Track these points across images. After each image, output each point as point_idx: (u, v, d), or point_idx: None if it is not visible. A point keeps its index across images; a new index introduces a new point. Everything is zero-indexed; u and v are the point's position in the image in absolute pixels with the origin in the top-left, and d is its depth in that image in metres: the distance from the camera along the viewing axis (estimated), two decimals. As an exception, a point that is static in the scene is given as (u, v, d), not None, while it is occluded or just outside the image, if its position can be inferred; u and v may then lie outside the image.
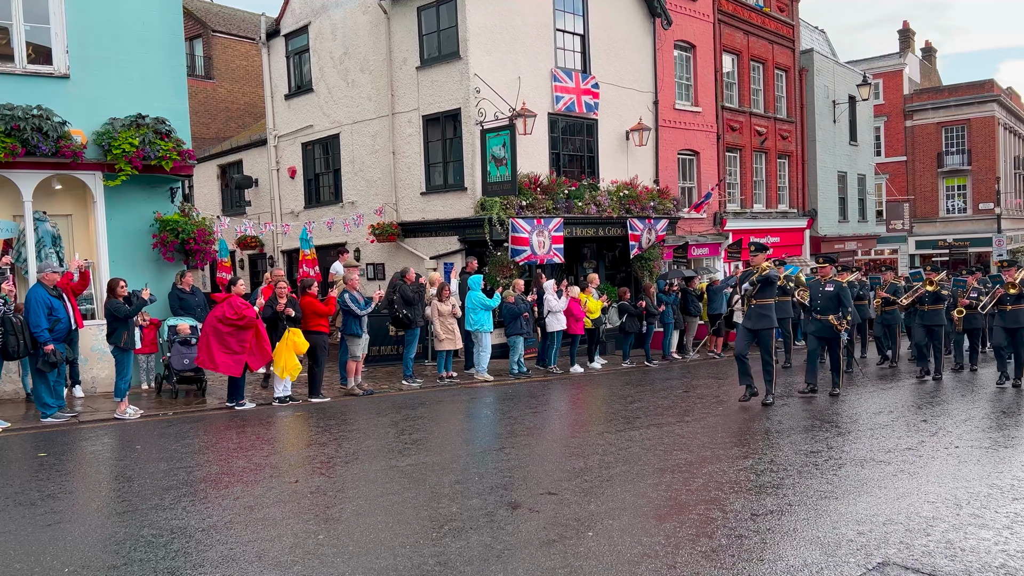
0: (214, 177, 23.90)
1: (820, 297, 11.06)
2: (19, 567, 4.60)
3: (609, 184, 17.99)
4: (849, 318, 10.95)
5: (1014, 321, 11.80)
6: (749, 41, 23.69)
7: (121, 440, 8.46)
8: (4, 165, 10.68)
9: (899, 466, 6.88)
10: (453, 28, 15.99)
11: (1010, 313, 11.84)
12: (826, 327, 10.95)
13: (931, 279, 12.96)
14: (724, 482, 6.36)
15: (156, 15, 12.21)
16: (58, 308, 9.42)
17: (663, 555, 4.70)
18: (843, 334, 11.09)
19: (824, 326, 10.97)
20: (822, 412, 9.73)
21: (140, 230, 12.01)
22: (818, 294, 11.11)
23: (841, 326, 10.84)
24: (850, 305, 10.96)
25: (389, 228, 17.01)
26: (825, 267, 11.37)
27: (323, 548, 4.89)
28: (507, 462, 7.15)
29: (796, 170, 26.26)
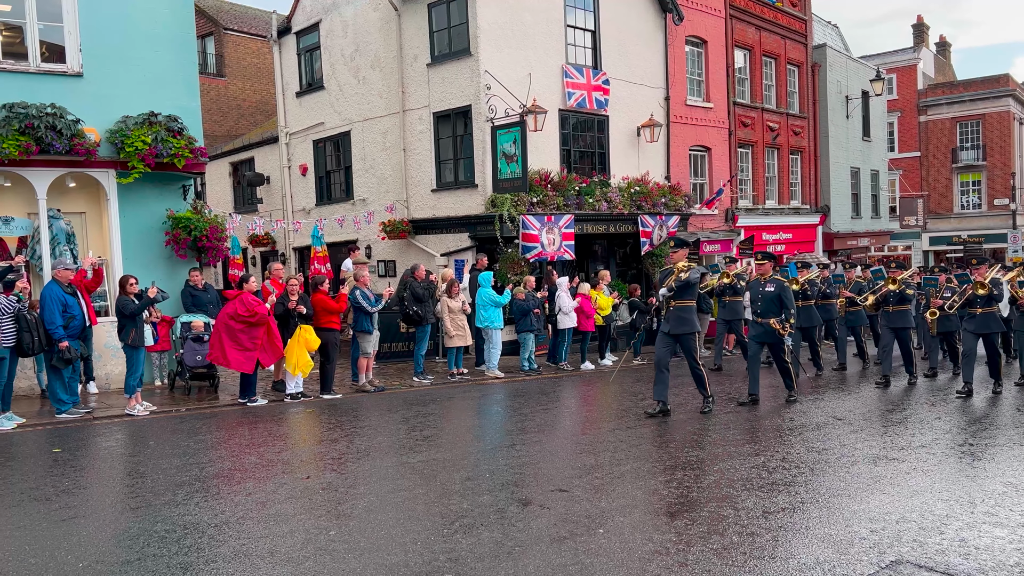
0: (226, 174, 24.00)
1: (760, 298, 10.10)
2: (34, 562, 4.64)
3: (620, 180, 17.94)
4: (792, 321, 9.98)
5: (983, 326, 10.60)
6: (761, 36, 23.56)
7: (134, 436, 8.52)
8: (19, 163, 10.76)
9: (912, 464, 6.84)
10: (464, 25, 15.98)
11: (980, 317, 10.61)
12: (767, 331, 9.99)
13: (894, 277, 11.87)
14: (736, 479, 6.34)
15: (168, 13, 12.26)
16: (72, 305, 9.48)
17: (674, 552, 4.69)
18: (787, 339, 10.02)
19: (765, 330, 10.02)
20: (835, 410, 9.68)
21: (153, 227, 12.08)
22: (758, 295, 10.14)
23: (783, 330, 9.87)
24: (792, 307, 9.96)
25: (400, 225, 17.03)
26: (764, 264, 10.27)
27: (335, 544, 4.91)
28: (518, 459, 7.15)
29: (809, 166, 26.10)
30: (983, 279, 10.53)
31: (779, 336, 9.95)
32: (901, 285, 11.71)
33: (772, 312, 9.94)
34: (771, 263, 10.37)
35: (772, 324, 9.91)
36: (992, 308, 10.64)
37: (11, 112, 10.61)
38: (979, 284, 10.52)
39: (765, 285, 10.09)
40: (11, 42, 11.28)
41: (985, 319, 10.63)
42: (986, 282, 10.44)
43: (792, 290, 13.12)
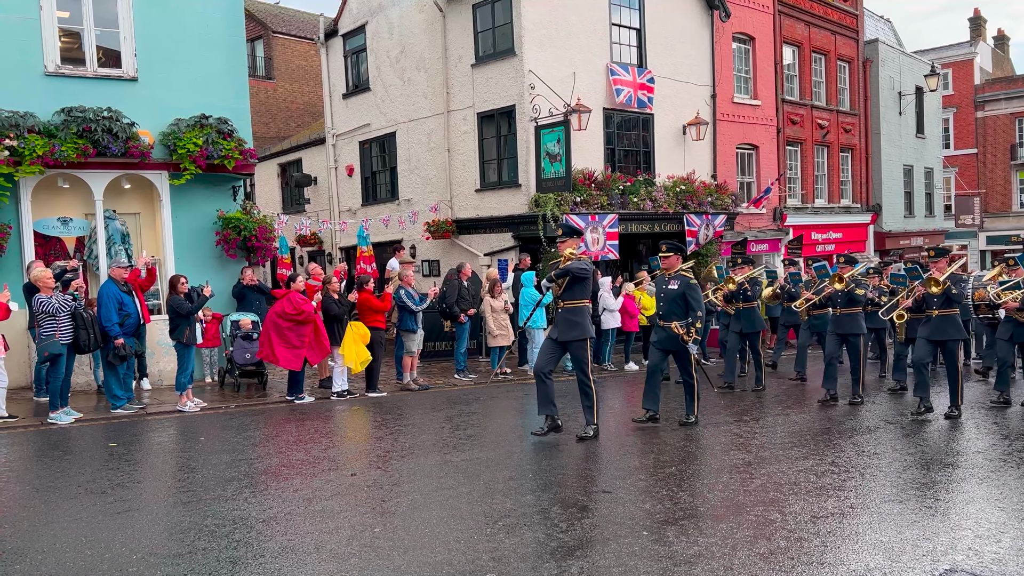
0: (274, 175, 24.43)
1: (663, 297, 8.62)
2: (89, 553, 4.77)
3: (665, 179, 17.78)
4: (699, 325, 8.45)
5: (939, 332, 9.04)
6: (811, 32, 23.12)
7: (185, 432, 8.72)
8: (76, 165, 11.10)
9: (968, 469, 6.64)
10: (508, 25, 16.00)
11: (935, 321, 9.05)
12: (670, 337, 8.52)
13: (841, 275, 10.20)
14: (783, 483, 6.22)
15: (219, 18, 12.53)
16: (128, 303, 9.75)
17: (719, 556, 4.62)
18: (691, 346, 8.54)
19: (668, 336, 8.54)
20: (886, 413, 9.44)
21: (204, 228, 12.35)
22: (661, 293, 8.68)
23: (687, 336, 8.43)
24: (699, 309, 8.42)
25: (444, 225, 17.14)
26: (669, 257, 8.70)
27: (379, 541, 4.95)
28: (561, 459, 7.13)
29: (860, 164, 25.53)
30: (939, 276, 8.93)
31: (683, 343, 8.45)
32: (849, 284, 10.13)
33: (676, 314, 8.47)
34: (678, 256, 8.80)
35: (674, 328, 8.42)
36: (952, 311, 9.04)
37: (69, 116, 10.96)
38: (932, 281, 8.85)
39: (669, 282, 8.61)
40: (69, 48, 11.64)
41: (941, 324, 9.04)
42: (942, 279, 8.82)
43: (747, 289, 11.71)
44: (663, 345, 8.68)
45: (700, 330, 8.51)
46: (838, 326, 10.29)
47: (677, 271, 8.67)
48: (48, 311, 9.07)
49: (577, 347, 7.95)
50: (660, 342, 8.71)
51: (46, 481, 6.60)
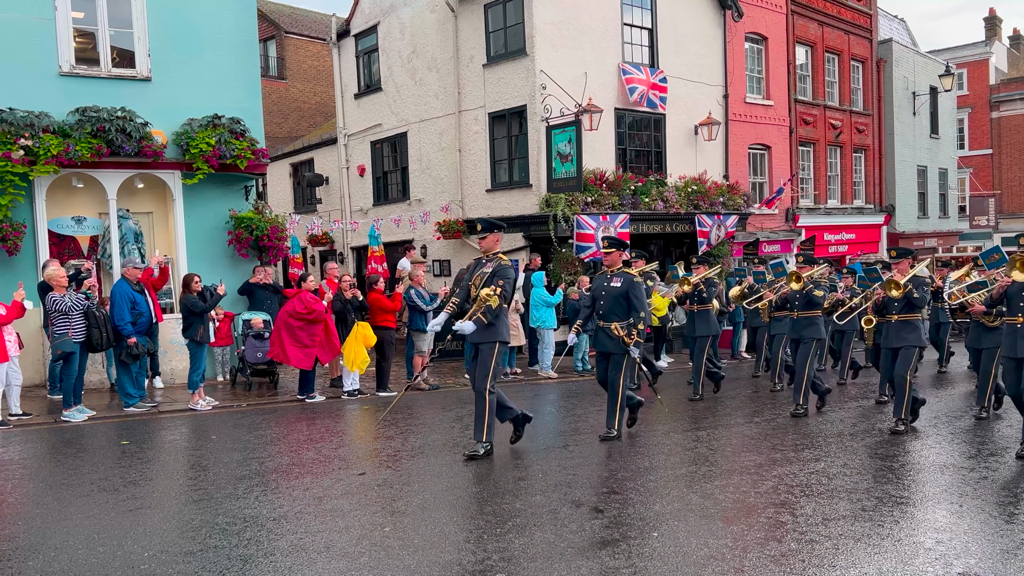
0: (286, 175, 24.51)
1: (604, 296, 7.95)
2: (102, 550, 4.80)
3: (677, 180, 17.73)
4: (642, 326, 7.80)
5: (897, 338, 8.35)
6: (824, 32, 22.99)
7: (197, 430, 8.76)
8: (90, 165, 11.18)
9: (982, 473, 6.58)
10: (520, 25, 16.00)
11: (894, 327, 8.40)
12: (610, 339, 7.85)
13: (798, 274, 9.54)
14: (795, 485, 6.19)
15: (231, 18, 12.59)
16: (140, 302, 9.81)
17: (730, 558, 4.61)
18: (632, 350, 7.75)
19: (608, 338, 7.88)
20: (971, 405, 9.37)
21: (216, 227, 12.41)
22: (601, 291, 8.01)
23: (629, 338, 7.72)
24: (642, 310, 7.79)
25: (455, 225, 17.15)
26: (611, 253, 8.09)
27: (389, 540, 4.96)
28: (571, 460, 7.12)
29: (873, 164, 25.38)
30: (900, 279, 8.21)
31: (623, 346, 7.77)
32: (807, 285, 9.49)
33: (617, 314, 7.83)
34: (619, 252, 8.17)
35: (614, 330, 7.80)
36: (914, 316, 8.31)
37: (84, 116, 11.04)
38: (892, 284, 8.16)
39: (611, 279, 7.99)
40: (84, 48, 11.73)
41: (900, 330, 8.34)
42: (903, 282, 8.13)
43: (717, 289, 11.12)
44: (601, 348, 8.02)
45: (642, 332, 7.86)
46: (795, 330, 9.65)
47: (620, 268, 8.07)
48: (61, 310, 9.14)
49: (485, 350, 7.19)
50: (599, 344, 8.05)
51: (59, 478, 6.65)
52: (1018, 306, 7.16)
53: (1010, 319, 7.25)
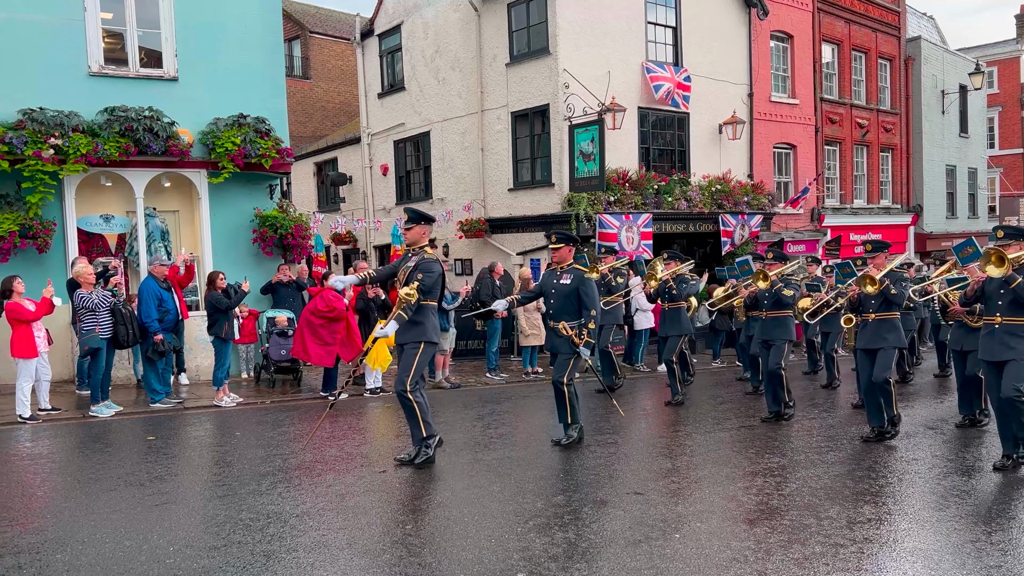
0: (310, 174, 24.69)
1: (553, 294, 7.55)
2: (128, 544, 4.87)
3: (701, 179, 17.63)
4: (592, 326, 7.33)
5: (875, 338, 7.69)
6: (851, 30, 22.73)
7: (222, 426, 8.85)
8: (118, 164, 11.34)
9: (1012, 475, 6.47)
10: (543, 24, 15.99)
11: (871, 327, 7.75)
12: (559, 339, 7.49)
13: (766, 272, 9.00)
14: (819, 488, 6.13)
15: (257, 18, 12.69)
16: (167, 300, 9.93)
17: (753, 560, 4.57)
18: (582, 350, 7.35)
19: (557, 338, 7.51)
20: (926, 419, 9.25)
21: (241, 225, 12.53)
22: (552, 289, 7.59)
23: (578, 338, 7.31)
24: (593, 308, 7.36)
25: (477, 224, 17.18)
26: (560, 249, 7.62)
27: (411, 538, 4.98)
28: (592, 460, 7.10)
29: (900, 164, 25.05)
30: (876, 273, 7.59)
31: (573, 346, 7.39)
32: (775, 284, 8.95)
33: (567, 313, 7.43)
34: (569, 247, 7.68)
35: (562, 329, 7.40)
36: (892, 314, 7.71)
37: (112, 115, 11.20)
38: (868, 279, 7.50)
39: (561, 276, 7.57)
40: (112, 48, 11.89)
41: (878, 329, 7.73)
42: (878, 277, 7.53)
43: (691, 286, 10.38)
44: (551, 347, 7.64)
45: (593, 332, 7.39)
46: (764, 332, 9.11)
47: (571, 265, 7.61)
48: (88, 306, 9.27)
49: (409, 350, 6.72)
50: (551, 346, 7.67)
51: (87, 473, 6.74)
52: (996, 304, 6.58)
53: (987, 319, 6.71)
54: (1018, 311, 6.44)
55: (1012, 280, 6.29)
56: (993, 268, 6.26)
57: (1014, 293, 6.35)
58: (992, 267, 6.26)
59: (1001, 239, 6.53)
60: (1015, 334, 6.45)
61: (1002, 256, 6.19)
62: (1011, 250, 6.38)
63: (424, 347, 6.71)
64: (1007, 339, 6.47)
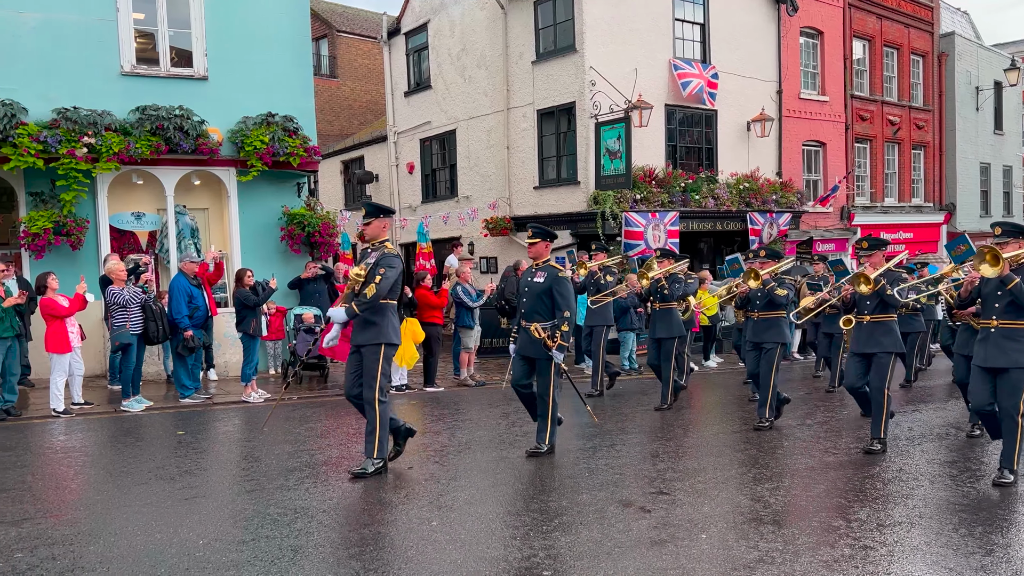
0: (337, 173, 24.85)
1: (527, 293, 7.11)
2: (159, 536, 4.94)
3: (728, 177, 17.49)
4: (566, 328, 6.85)
5: (870, 342, 7.23)
6: (883, 25, 22.40)
7: (249, 422, 8.94)
8: (149, 162, 11.50)
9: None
10: (569, 21, 15.95)
11: (866, 329, 7.28)
12: (531, 342, 6.96)
13: (757, 271, 8.44)
14: (848, 489, 6.05)
15: (285, 18, 12.80)
16: (197, 296, 10.05)
17: (780, 562, 4.52)
18: (555, 354, 6.87)
19: (529, 340, 6.99)
20: (958, 421, 9.10)
21: (269, 223, 12.65)
22: (525, 288, 7.18)
23: (551, 341, 6.83)
24: (567, 309, 6.86)
25: (502, 222, 17.19)
26: (536, 244, 7.18)
27: (436, 535, 4.99)
28: (618, 459, 7.08)
29: (933, 162, 24.64)
30: (870, 273, 7.10)
31: (545, 349, 6.90)
32: (767, 283, 8.40)
33: (540, 313, 6.99)
34: (546, 242, 7.24)
35: (534, 331, 6.93)
36: (889, 316, 7.25)
37: (144, 114, 11.36)
38: (862, 279, 7.01)
39: (535, 274, 7.11)
40: (144, 48, 12.06)
41: (871, 333, 7.23)
42: (872, 277, 7.04)
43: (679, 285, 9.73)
44: (524, 351, 7.10)
45: (567, 335, 6.91)
46: (755, 334, 8.54)
47: (546, 262, 7.14)
48: (120, 302, 9.41)
49: (368, 354, 6.35)
50: (521, 348, 7.15)
51: (119, 466, 6.85)
52: (992, 307, 6.11)
53: (983, 322, 6.22)
54: (1016, 314, 5.98)
55: (1009, 281, 5.84)
56: (987, 268, 5.79)
57: (1011, 295, 5.89)
58: (986, 266, 5.79)
59: (998, 236, 6.07)
60: (1012, 339, 5.99)
61: (997, 255, 5.75)
62: (1008, 248, 5.96)
63: (384, 350, 6.33)
64: (1004, 344, 6.01)
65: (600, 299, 10.86)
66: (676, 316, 9.89)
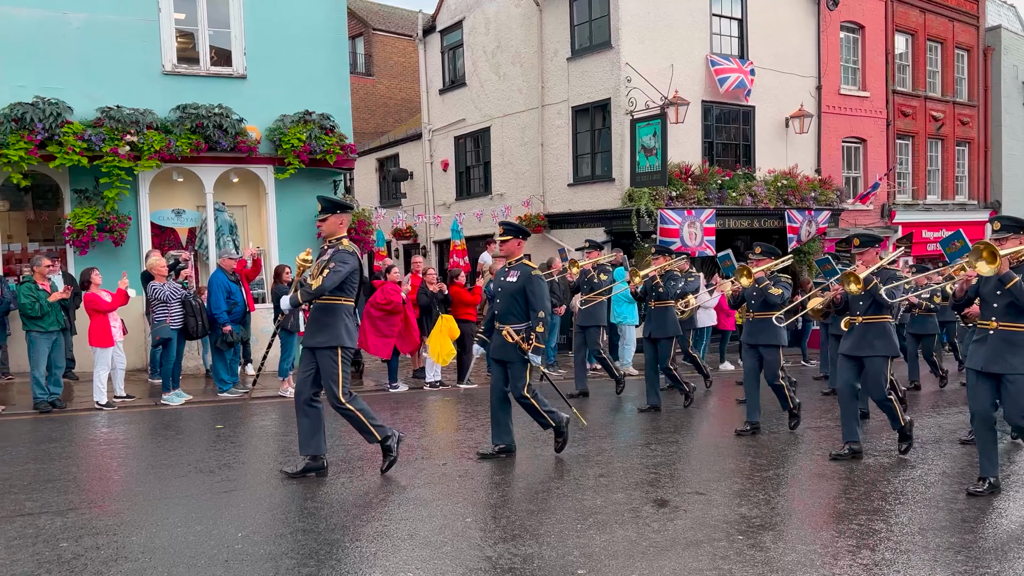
0: (372, 170, 25.03)
1: (500, 293, 6.81)
2: (199, 528, 5.02)
3: (766, 174, 17.27)
4: (540, 329, 6.53)
5: (862, 344, 6.78)
6: (926, 19, 21.91)
7: (286, 416, 9.02)
8: (189, 160, 11.69)
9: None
10: (605, 17, 15.87)
11: (857, 331, 6.85)
12: (504, 345, 6.66)
13: (749, 268, 8.00)
14: (888, 492, 5.94)
15: (323, 17, 12.92)
16: (235, 292, 10.20)
17: (819, 565, 4.45)
18: (531, 356, 6.58)
19: (502, 343, 6.67)
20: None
21: (306, 220, 12.77)
22: (498, 288, 6.87)
23: (526, 343, 6.54)
24: (542, 309, 6.56)
25: (536, 219, 17.17)
26: (508, 241, 6.87)
27: (471, 531, 5.00)
28: (653, 458, 7.03)
29: (977, 158, 24.05)
30: (863, 271, 6.70)
31: (519, 352, 6.59)
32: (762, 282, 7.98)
33: (514, 314, 6.66)
34: (519, 240, 6.90)
35: (506, 334, 6.59)
36: (881, 317, 6.79)
37: (184, 113, 11.55)
38: (852, 278, 6.57)
39: (508, 273, 6.79)
40: (184, 48, 12.26)
41: (863, 335, 6.81)
42: (863, 276, 6.62)
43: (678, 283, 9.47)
44: (497, 355, 6.78)
45: (543, 336, 6.60)
46: (750, 336, 8.12)
47: (519, 260, 6.82)
48: (160, 298, 9.58)
49: (325, 357, 6.05)
50: (494, 351, 6.82)
51: (159, 459, 6.98)
52: (991, 308, 5.68)
53: (982, 323, 5.77)
54: (1016, 316, 5.55)
55: (1008, 279, 5.41)
56: (984, 265, 5.31)
57: (1011, 295, 5.46)
58: (983, 264, 5.31)
59: (997, 231, 5.64)
60: (1012, 343, 5.58)
61: (994, 251, 5.26)
62: (1007, 244, 5.51)
63: (341, 352, 6.08)
64: (1002, 348, 5.60)
65: (593, 298, 10.45)
66: (671, 315, 9.49)
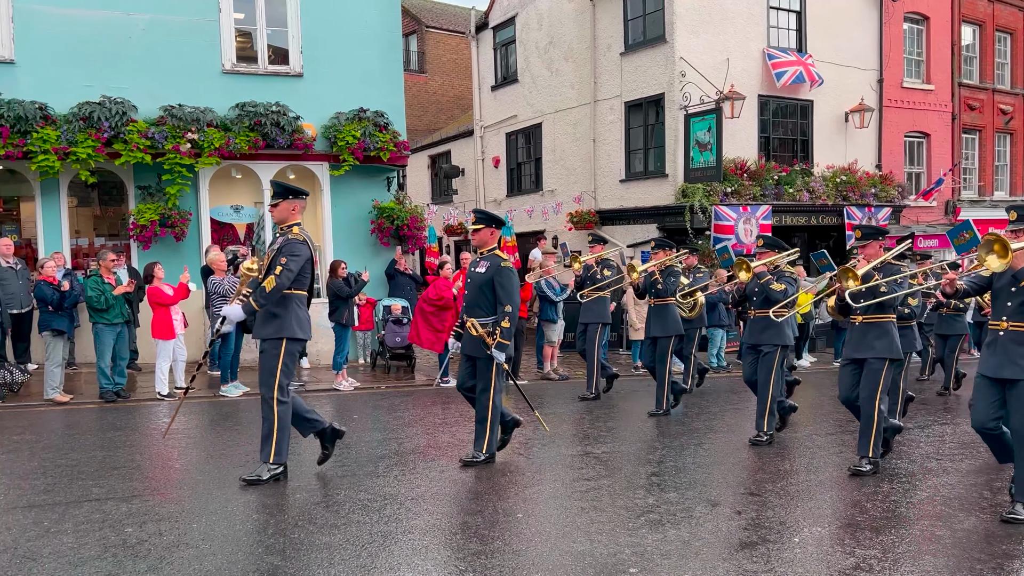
0: (425, 167, 25.23)
1: (469, 284, 6.50)
2: (257, 517, 5.13)
3: (824, 169, 16.89)
4: (507, 324, 6.21)
5: (862, 345, 6.30)
6: (995, 9, 21.12)
7: (340, 409, 9.19)
8: (247, 157, 11.95)
9: None
10: (659, 11, 15.71)
11: (857, 331, 6.35)
12: (471, 339, 6.34)
13: (746, 263, 7.44)
14: (952, 497, 5.76)
15: (377, 15, 13.06)
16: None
17: (879, 569, 4.34)
18: (495, 353, 6.22)
19: (469, 337, 6.37)
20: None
21: (360, 216, 12.96)
22: (468, 279, 6.59)
23: (491, 338, 6.21)
24: (509, 303, 6.23)
25: (587, 216, 17.10)
26: (480, 231, 6.53)
27: (522, 527, 5.01)
28: (705, 458, 6.94)
29: (1048, 152, 23.11)
30: (862, 267, 6.28)
31: (483, 347, 6.26)
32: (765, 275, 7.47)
33: (481, 307, 6.32)
34: (492, 229, 6.57)
35: (471, 328, 6.29)
36: (884, 316, 6.29)
37: (242, 111, 11.81)
38: (849, 274, 6.03)
39: (478, 263, 6.48)
40: (243, 47, 12.53)
41: (863, 335, 6.31)
42: (861, 272, 6.15)
43: None
44: (466, 350, 6.44)
45: (508, 332, 6.24)
46: (751, 334, 7.65)
47: (491, 251, 6.46)
48: (220, 292, 9.82)
49: (269, 348, 5.77)
50: (464, 346, 6.48)
51: (219, 448, 7.16)
52: (1004, 306, 5.18)
53: (993, 323, 5.27)
54: None
55: (1023, 276, 5.01)
56: (995, 259, 4.81)
57: None
58: (994, 258, 4.81)
59: (1014, 222, 5.16)
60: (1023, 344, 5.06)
61: (1006, 245, 4.77)
62: (1023, 237, 5.07)
63: (286, 344, 5.76)
64: (1013, 350, 5.09)
65: (590, 294, 10.10)
66: (673, 313, 9.04)
